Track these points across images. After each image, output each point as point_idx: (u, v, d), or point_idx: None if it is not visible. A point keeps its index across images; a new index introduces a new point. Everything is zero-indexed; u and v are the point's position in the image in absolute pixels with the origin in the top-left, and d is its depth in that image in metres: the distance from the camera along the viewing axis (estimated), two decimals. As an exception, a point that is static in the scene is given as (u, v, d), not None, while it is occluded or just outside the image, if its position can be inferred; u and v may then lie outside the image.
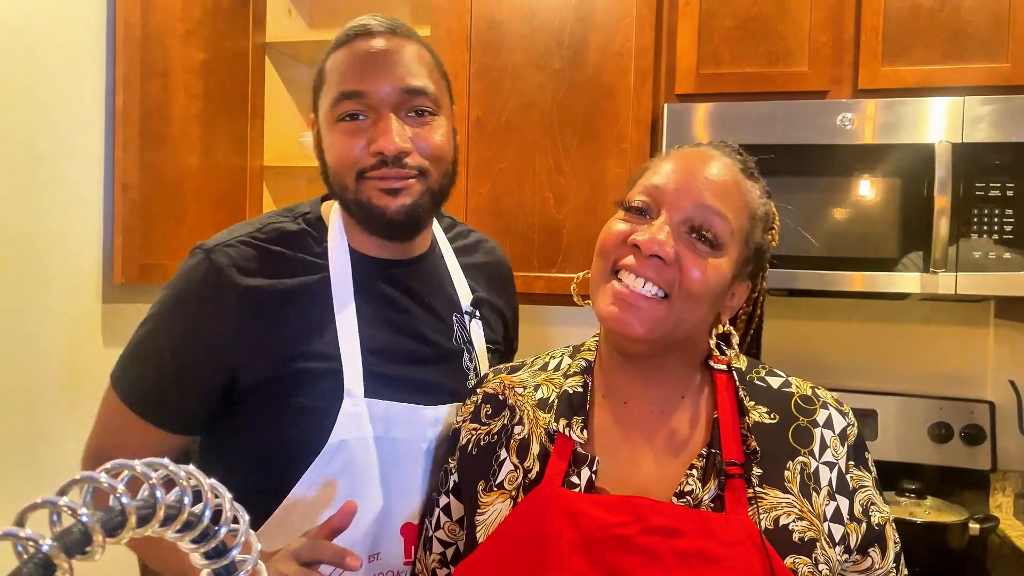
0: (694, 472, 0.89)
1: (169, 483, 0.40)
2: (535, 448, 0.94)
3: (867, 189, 1.85)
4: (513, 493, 0.92)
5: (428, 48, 1.12)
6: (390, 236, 1.10)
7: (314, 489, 1.01)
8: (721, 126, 1.94)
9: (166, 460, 0.39)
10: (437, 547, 1.02)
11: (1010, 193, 1.77)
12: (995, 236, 1.77)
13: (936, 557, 1.72)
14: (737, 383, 0.95)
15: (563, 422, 0.92)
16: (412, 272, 1.16)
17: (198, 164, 2.22)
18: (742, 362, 0.99)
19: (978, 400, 2.09)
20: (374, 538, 1.03)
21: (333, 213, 1.13)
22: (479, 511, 0.94)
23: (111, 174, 2.04)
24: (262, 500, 1.00)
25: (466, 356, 1.17)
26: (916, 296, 1.92)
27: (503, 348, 1.31)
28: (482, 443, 0.99)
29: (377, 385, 1.05)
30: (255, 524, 0.94)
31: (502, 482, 0.94)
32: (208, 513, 0.40)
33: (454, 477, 1.01)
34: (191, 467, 0.41)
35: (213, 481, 0.42)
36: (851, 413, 0.98)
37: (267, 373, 1.03)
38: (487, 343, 1.22)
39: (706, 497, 0.87)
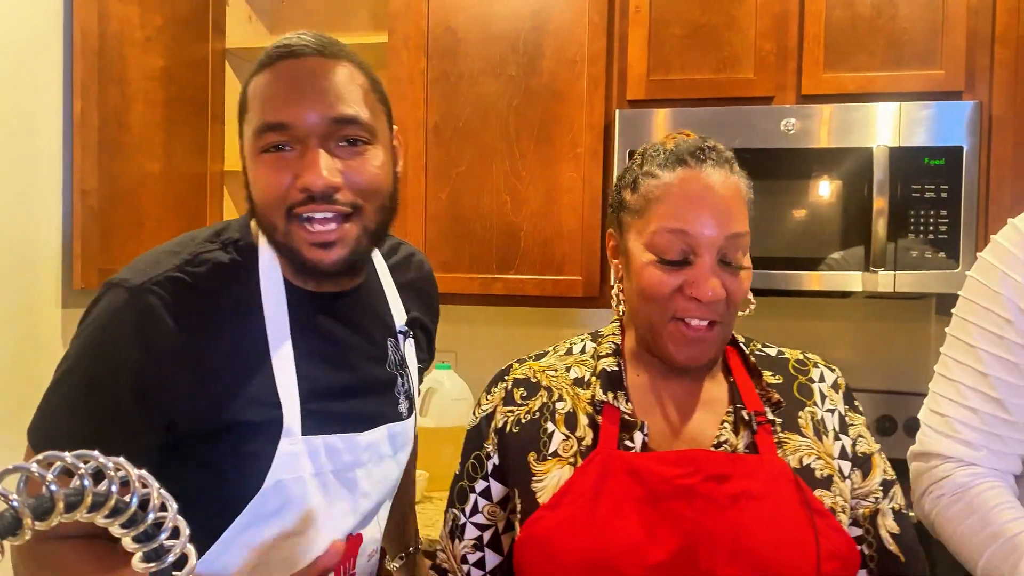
0: (726, 425, 1.01)
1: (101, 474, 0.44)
2: (583, 419, 1.01)
3: (810, 192, 1.92)
4: (571, 460, 0.99)
5: (363, 68, 1.02)
6: (325, 282, 1.04)
7: (248, 530, 0.98)
8: (671, 130, 1.99)
9: (96, 452, 0.43)
10: (472, 532, 1.05)
11: (944, 195, 1.84)
12: (930, 236, 1.85)
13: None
14: (746, 352, 1.09)
15: (610, 394, 1.00)
16: (350, 303, 1.10)
17: (158, 170, 2.23)
18: (740, 337, 1.11)
19: (921, 394, 2.15)
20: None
21: (263, 241, 1.04)
22: (535, 478, 1.00)
23: (70, 180, 2.05)
24: (199, 543, 0.96)
25: (399, 381, 1.15)
26: (860, 294, 1.99)
27: (427, 363, 1.30)
28: (523, 421, 1.04)
29: (314, 422, 1.01)
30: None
31: (556, 451, 1.00)
32: (136, 500, 0.44)
33: (493, 460, 1.05)
34: (121, 459, 0.44)
35: (142, 472, 0.45)
36: (837, 368, 1.12)
37: (204, 423, 0.96)
38: (417, 362, 1.21)
39: (740, 444, 0.99)
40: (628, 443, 0.98)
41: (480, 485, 1.06)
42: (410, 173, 2.19)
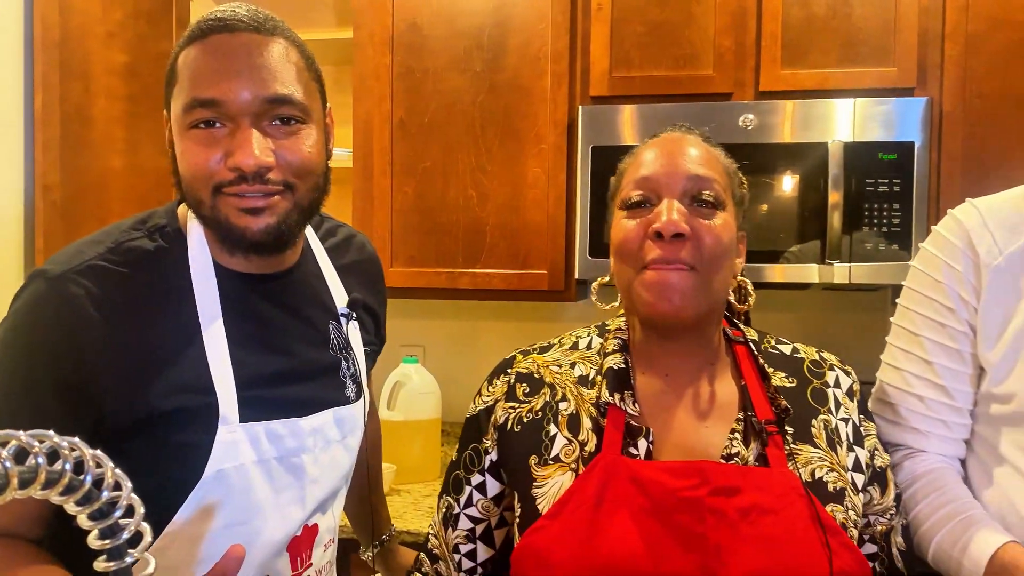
0: (736, 435, 0.96)
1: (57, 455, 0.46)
2: (586, 423, 0.98)
3: (769, 186, 1.97)
4: (572, 465, 0.96)
5: (298, 44, 1.00)
6: (253, 255, 1.00)
7: (192, 522, 0.95)
8: (633, 127, 2.03)
9: (51, 432, 0.45)
10: (465, 523, 1.05)
11: (897, 189, 1.90)
12: (884, 228, 1.90)
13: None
14: (755, 352, 1.04)
15: (616, 396, 0.97)
16: (284, 285, 1.07)
17: (121, 165, 2.22)
18: (753, 334, 1.08)
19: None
20: (262, 562, 1.01)
21: (192, 225, 1.01)
22: (536, 484, 0.97)
23: (31, 176, 2.04)
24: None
25: (344, 365, 1.13)
26: (817, 286, 2.04)
27: (378, 345, 1.29)
28: (525, 420, 1.01)
29: (252, 409, 0.99)
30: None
31: (558, 455, 0.97)
32: (89, 479, 0.45)
33: (491, 456, 1.03)
34: (76, 439, 0.46)
35: (97, 452, 0.47)
36: (853, 371, 1.07)
37: (136, 414, 0.93)
38: (364, 345, 1.19)
39: (751, 456, 0.95)
40: (632, 450, 0.95)
41: (476, 479, 1.04)
42: (376, 168, 2.21)
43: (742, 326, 1.09)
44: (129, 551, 0.49)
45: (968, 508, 1.03)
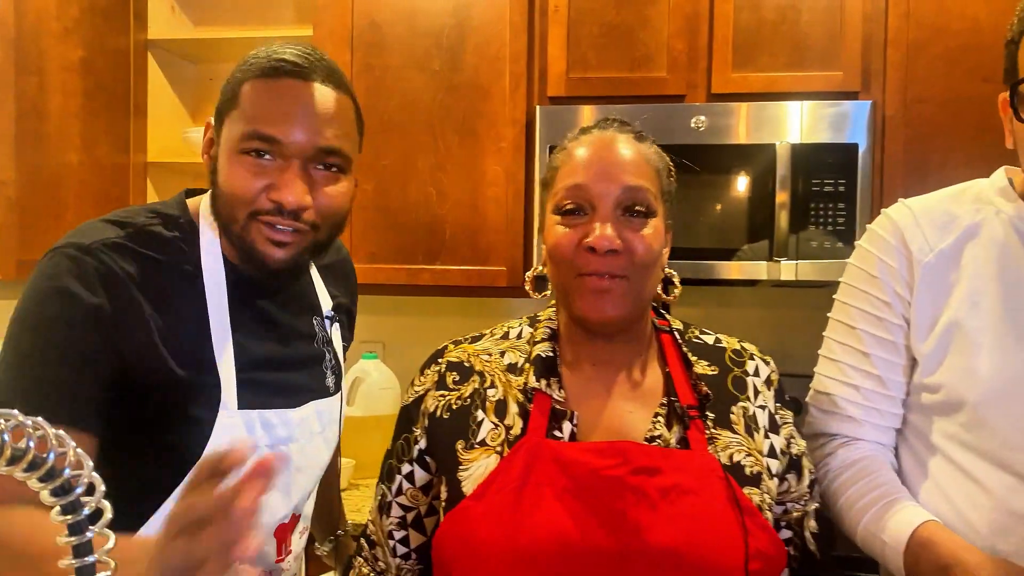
0: (659, 419, 1.00)
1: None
2: (513, 408, 1.01)
3: (719, 186, 2.03)
4: (498, 449, 0.98)
5: (353, 99, 1.08)
6: (267, 278, 1.09)
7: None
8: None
9: (15, 411, 0.47)
10: (397, 511, 1.07)
11: (842, 189, 1.97)
12: (829, 227, 1.97)
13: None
14: (679, 340, 1.08)
15: (543, 382, 1.00)
16: (280, 283, 1.15)
17: (78, 161, 2.21)
18: (678, 324, 1.12)
19: (825, 377, 2.30)
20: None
21: (204, 220, 1.09)
22: (462, 467, 0.99)
23: (-15, 171, 2.02)
24: (144, 506, 1.01)
25: (327, 357, 1.21)
26: (765, 283, 2.10)
27: (349, 341, 1.36)
28: (454, 407, 1.03)
29: (249, 395, 1.06)
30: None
31: (484, 439, 0.99)
32: (52, 456, 0.48)
33: (420, 444, 1.05)
34: (39, 419, 0.49)
35: (59, 431, 0.50)
36: (772, 361, 1.11)
37: (151, 379, 1.00)
38: (342, 341, 1.27)
39: (673, 439, 0.99)
40: (557, 432, 0.98)
41: (406, 468, 1.06)
42: (336, 166, 2.22)
43: (668, 316, 1.13)
44: (90, 527, 0.51)
45: (893, 492, 1.08)
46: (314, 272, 1.26)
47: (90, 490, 0.51)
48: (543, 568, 0.91)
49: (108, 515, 0.52)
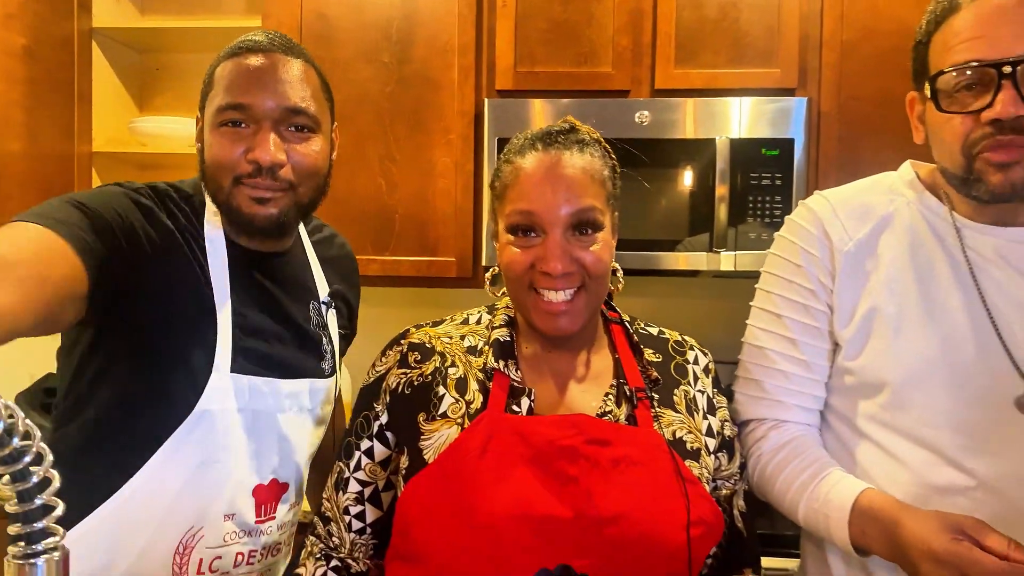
0: (609, 398, 1.08)
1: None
2: (473, 385, 1.06)
3: (662, 180, 2.09)
4: (459, 421, 1.04)
5: (316, 68, 1.19)
6: (256, 238, 1.19)
7: (173, 456, 1.10)
8: (537, 121, 2.12)
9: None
10: (354, 487, 1.10)
11: (779, 182, 2.04)
12: (766, 220, 2.04)
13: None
14: (629, 330, 1.16)
15: (501, 363, 1.07)
16: (279, 263, 1.25)
17: (21, 150, 2.18)
18: (626, 316, 1.19)
19: (764, 365, 2.38)
20: (230, 500, 1.15)
21: (209, 202, 1.19)
22: (423, 437, 1.04)
23: (-76, 159, 1.99)
24: (133, 458, 1.09)
25: (324, 341, 1.30)
26: (707, 273, 2.17)
27: (351, 332, 1.44)
28: (415, 383, 1.08)
29: (243, 360, 1.14)
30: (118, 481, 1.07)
31: (445, 412, 1.05)
32: (1, 425, 0.50)
33: (381, 420, 1.09)
34: (-13, 392, 0.51)
35: (8, 402, 0.52)
36: (709, 352, 1.21)
37: (154, 303, 1.09)
38: (339, 328, 1.35)
39: (622, 416, 1.07)
40: (515, 408, 1.04)
41: (365, 444, 1.10)
42: (285, 156, 2.23)
43: (618, 280, 1.18)
44: (39, 495, 0.54)
45: (827, 467, 1.12)
46: (313, 260, 1.33)
47: (38, 460, 0.54)
48: (501, 530, 0.97)
49: (56, 483, 0.55)
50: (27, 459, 0.53)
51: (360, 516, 1.10)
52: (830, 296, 1.16)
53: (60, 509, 0.55)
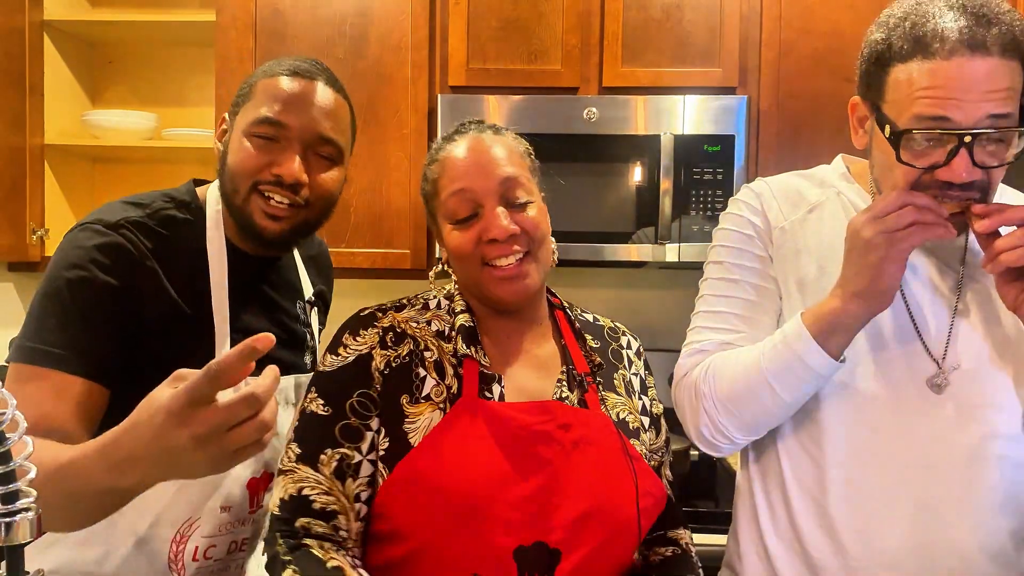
0: (562, 384, 1.15)
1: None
2: (449, 369, 1.11)
3: (609, 174, 2.16)
4: (441, 405, 1.08)
5: (350, 105, 1.27)
6: (261, 249, 1.25)
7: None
8: (489, 116, 2.18)
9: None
10: (367, 469, 1.06)
11: (720, 177, 2.13)
12: (709, 212, 2.13)
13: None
14: (571, 316, 1.23)
15: (472, 348, 1.12)
16: (275, 268, 1.32)
17: (-29, 142, 2.18)
18: (566, 303, 1.26)
19: (709, 353, 2.48)
20: (226, 494, 1.20)
21: (211, 205, 1.24)
22: (408, 419, 1.07)
23: None
24: None
25: (308, 337, 1.38)
26: (652, 264, 2.25)
27: (323, 325, 1.52)
28: (394, 364, 1.11)
29: None
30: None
31: (428, 395, 1.09)
32: (-20, 394, 0.55)
33: (378, 399, 1.10)
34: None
35: (-16, 373, 0.56)
36: (638, 337, 1.31)
37: (158, 347, 1.13)
38: (318, 324, 1.44)
39: (574, 400, 1.14)
40: (487, 393, 1.10)
41: (375, 423, 1.08)
42: (240, 150, 2.25)
43: (557, 295, 1.27)
44: (13, 459, 0.58)
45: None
46: (298, 259, 1.41)
47: (12, 427, 0.58)
48: (483, 511, 1.03)
49: (29, 447, 0.59)
50: (2, 426, 0.57)
51: (368, 501, 1.07)
52: (773, 265, 1.22)
53: (33, 472, 0.60)
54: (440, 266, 1.20)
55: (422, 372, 1.10)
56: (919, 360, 1.13)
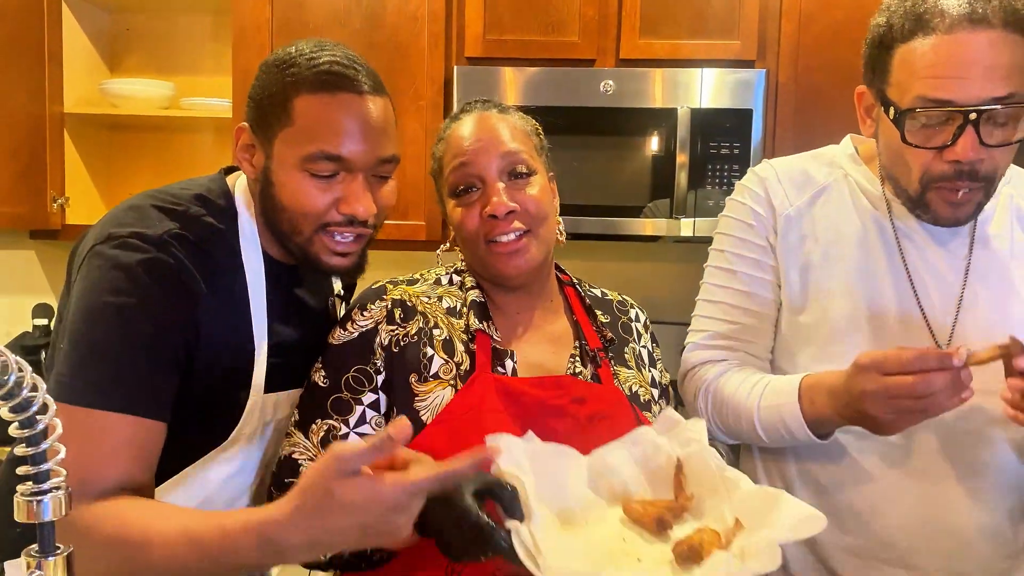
0: (575, 359, 1.16)
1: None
2: (459, 347, 1.11)
3: (625, 147, 2.16)
4: (452, 382, 1.08)
5: (391, 100, 1.14)
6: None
7: (205, 471, 1.10)
8: (506, 87, 2.17)
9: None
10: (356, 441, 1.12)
11: (736, 151, 2.12)
12: (725, 187, 2.12)
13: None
14: (581, 293, 1.24)
15: (484, 324, 1.12)
16: (308, 273, 1.22)
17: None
18: (575, 279, 1.26)
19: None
20: (249, 504, 1.18)
21: (243, 208, 1.13)
22: (418, 398, 1.08)
23: None
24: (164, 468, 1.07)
25: None
26: (667, 239, 2.25)
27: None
28: (403, 343, 1.10)
29: (274, 377, 1.13)
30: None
31: (437, 373, 1.09)
32: (13, 378, 0.57)
33: (382, 375, 1.10)
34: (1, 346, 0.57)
35: (18, 358, 0.58)
36: (644, 310, 1.32)
37: (206, 364, 1.05)
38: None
39: (588, 375, 1.15)
40: (500, 368, 1.10)
41: (369, 398, 1.09)
42: (257, 120, 2.26)
43: (567, 271, 1.28)
44: (44, 440, 0.61)
45: (769, 375, 1.20)
46: None
47: (43, 409, 0.60)
48: None
49: (59, 431, 0.62)
50: (34, 408, 0.59)
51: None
52: (775, 255, 1.24)
53: (63, 453, 0.62)
54: (447, 244, 1.22)
55: (430, 351, 1.11)
56: (919, 337, 1.13)
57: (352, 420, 1.10)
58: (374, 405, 1.11)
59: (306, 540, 0.83)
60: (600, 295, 1.30)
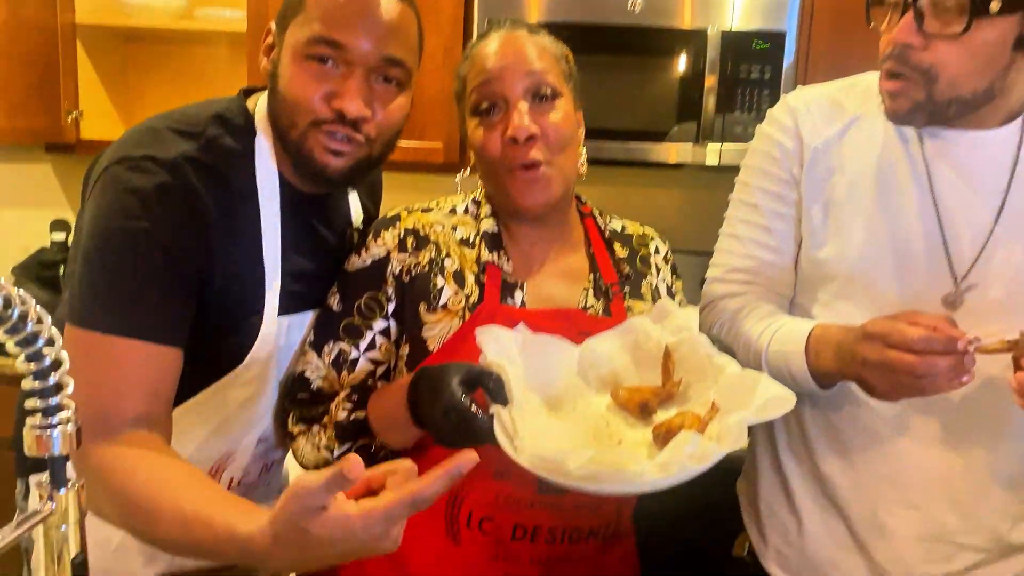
0: (588, 293, 1.16)
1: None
2: (470, 278, 1.11)
3: (651, 69, 2.08)
4: (459, 313, 1.08)
5: (417, 14, 1.09)
6: (321, 187, 1.12)
7: (218, 394, 1.09)
8: (528, 4, 2.09)
9: (-19, 275, 0.54)
10: (366, 366, 1.12)
11: (767, 76, 2.04)
12: (753, 114, 2.05)
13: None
14: (602, 226, 1.22)
15: (495, 254, 1.12)
16: (326, 200, 1.19)
17: (2, 21, 2.15)
18: (596, 211, 1.24)
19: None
20: (264, 428, 1.19)
21: (261, 129, 1.10)
22: (426, 327, 1.09)
23: None
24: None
25: None
26: (690, 166, 2.19)
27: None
28: (414, 272, 1.10)
29: (286, 301, 1.11)
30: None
31: (446, 304, 1.09)
32: (16, 312, 0.55)
33: (393, 303, 1.11)
34: (1, 280, 0.56)
35: (22, 291, 0.57)
36: (667, 241, 1.29)
37: (218, 287, 1.04)
38: None
39: (600, 309, 1.15)
40: (509, 300, 1.10)
41: (379, 324, 1.12)
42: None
43: (588, 201, 1.24)
44: (53, 374, 0.60)
45: (782, 316, 1.19)
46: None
47: (50, 342, 0.59)
48: None
49: (67, 364, 0.61)
50: (41, 342, 0.58)
51: (361, 401, 1.11)
52: (799, 187, 1.20)
53: (71, 387, 0.61)
54: (467, 171, 1.19)
55: (440, 282, 1.11)
56: (941, 273, 1.10)
57: (363, 345, 1.12)
58: (385, 332, 1.12)
59: (288, 565, 0.83)
60: (620, 229, 1.27)
